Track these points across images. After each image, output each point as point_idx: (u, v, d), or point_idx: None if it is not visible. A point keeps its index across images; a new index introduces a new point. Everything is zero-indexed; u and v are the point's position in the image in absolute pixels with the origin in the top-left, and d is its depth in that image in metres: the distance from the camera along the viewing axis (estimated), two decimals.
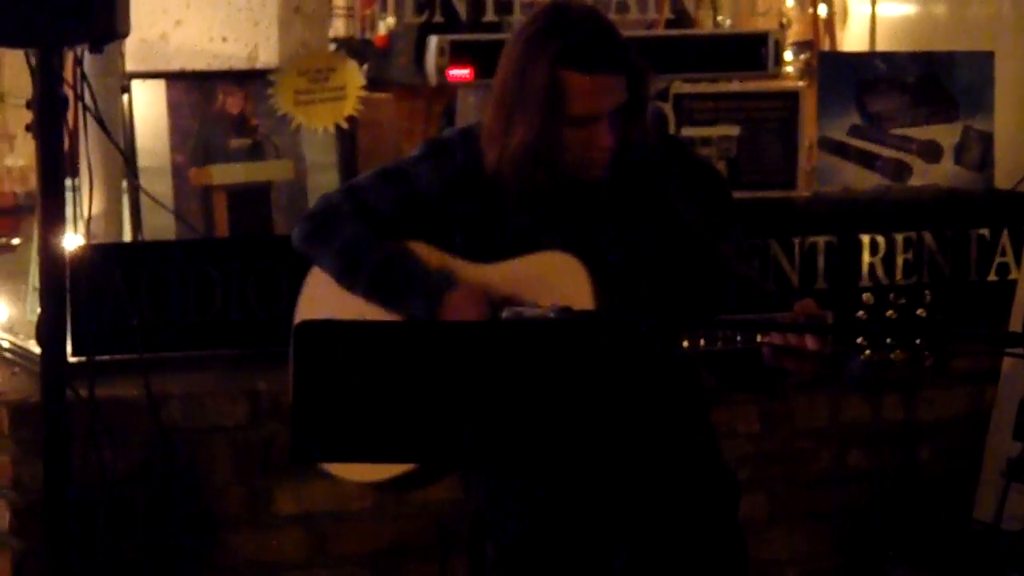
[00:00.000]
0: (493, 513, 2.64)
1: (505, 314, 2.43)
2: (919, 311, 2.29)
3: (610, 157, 2.59)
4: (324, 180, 3.77)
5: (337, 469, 2.69)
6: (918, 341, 2.26)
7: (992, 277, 3.95)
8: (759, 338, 2.36)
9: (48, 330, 3.09)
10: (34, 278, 3.39)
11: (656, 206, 2.63)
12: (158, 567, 3.38)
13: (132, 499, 3.36)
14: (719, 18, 4.22)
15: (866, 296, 2.31)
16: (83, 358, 3.34)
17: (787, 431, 3.76)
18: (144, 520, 3.38)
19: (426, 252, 2.68)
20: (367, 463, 2.42)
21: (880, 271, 3.89)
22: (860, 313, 2.30)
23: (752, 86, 3.98)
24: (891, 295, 2.29)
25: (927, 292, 2.32)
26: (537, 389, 2.02)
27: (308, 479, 3.35)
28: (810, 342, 2.33)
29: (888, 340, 2.26)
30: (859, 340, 2.28)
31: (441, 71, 3.74)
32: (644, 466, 2.55)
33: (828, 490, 3.81)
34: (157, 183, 3.69)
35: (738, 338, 2.37)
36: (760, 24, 4.32)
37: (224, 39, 3.87)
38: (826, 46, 4.51)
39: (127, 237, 3.66)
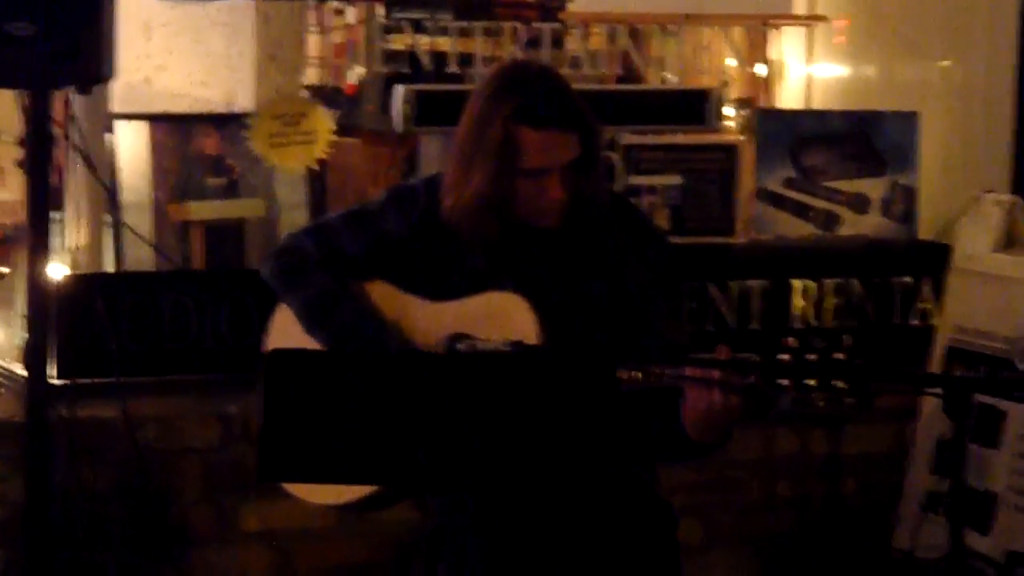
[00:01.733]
0: (447, 536, 2.65)
1: (462, 347, 2.51)
2: (839, 354, 2.33)
3: (561, 208, 2.65)
4: (294, 218, 3.84)
5: (299, 491, 2.68)
6: (839, 383, 2.32)
7: (914, 321, 4.07)
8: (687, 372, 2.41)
9: (33, 354, 3.20)
10: (21, 305, 3.46)
11: (601, 258, 2.70)
12: None
13: (108, 514, 3.43)
14: (665, 75, 4.28)
15: (791, 340, 2.39)
16: (66, 381, 3.43)
17: (721, 462, 3.81)
18: (119, 534, 3.45)
19: (385, 292, 2.74)
20: (329, 485, 2.47)
21: (810, 314, 3.98)
22: (784, 356, 2.34)
23: (695, 139, 4.06)
24: (811, 338, 2.42)
25: (847, 336, 2.39)
26: (490, 417, 2.10)
27: (273, 499, 3.30)
28: (731, 376, 2.38)
29: (809, 381, 2.33)
30: (783, 380, 2.34)
31: (406, 119, 3.82)
32: (587, 494, 2.59)
33: (758, 518, 3.91)
34: (138, 218, 3.77)
35: (668, 372, 2.41)
36: (703, 81, 4.32)
37: (204, 84, 3.99)
38: (764, 103, 4.54)
39: (109, 268, 3.74)
